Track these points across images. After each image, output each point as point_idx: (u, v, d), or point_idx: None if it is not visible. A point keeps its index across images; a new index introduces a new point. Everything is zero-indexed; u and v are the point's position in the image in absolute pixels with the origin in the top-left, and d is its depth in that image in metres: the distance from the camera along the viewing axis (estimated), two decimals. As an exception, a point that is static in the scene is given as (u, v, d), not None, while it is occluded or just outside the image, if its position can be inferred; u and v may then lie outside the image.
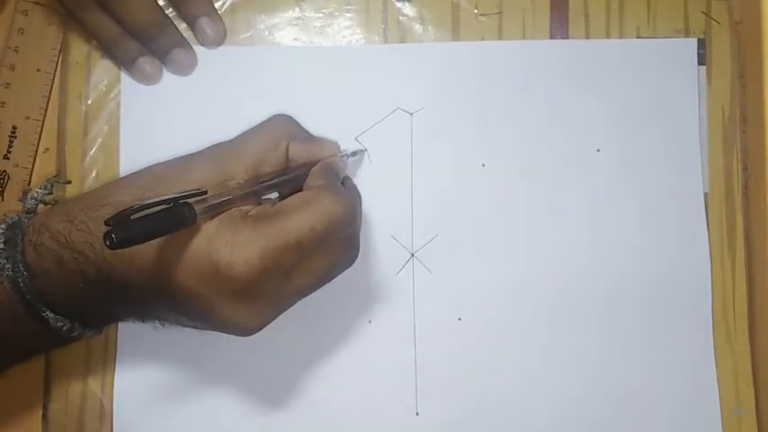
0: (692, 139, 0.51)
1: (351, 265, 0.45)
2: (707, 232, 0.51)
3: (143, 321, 0.45)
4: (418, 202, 0.50)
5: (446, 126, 0.50)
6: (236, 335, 0.42)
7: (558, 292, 0.50)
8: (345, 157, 0.48)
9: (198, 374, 0.49)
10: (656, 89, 0.51)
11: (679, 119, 0.51)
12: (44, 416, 0.49)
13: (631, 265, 0.50)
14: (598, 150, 0.51)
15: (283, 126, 0.45)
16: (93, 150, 0.50)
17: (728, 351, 0.50)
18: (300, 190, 0.43)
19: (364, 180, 0.50)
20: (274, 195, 0.45)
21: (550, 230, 0.50)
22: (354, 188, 0.47)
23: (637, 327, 0.50)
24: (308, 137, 0.46)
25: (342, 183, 0.45)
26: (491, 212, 0.50)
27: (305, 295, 0.43)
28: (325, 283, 0.43)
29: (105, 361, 0.49)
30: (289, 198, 0.42)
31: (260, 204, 0.42)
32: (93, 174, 0.50)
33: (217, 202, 0.39)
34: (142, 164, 0.49)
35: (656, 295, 0.51)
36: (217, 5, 0.51)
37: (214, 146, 0.44)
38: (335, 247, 0.42)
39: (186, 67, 0.50)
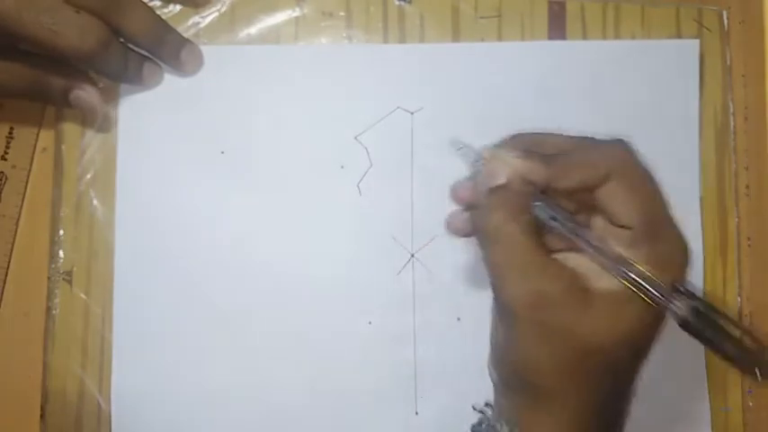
0: (691, 141, 0.52)
1: None
2: (702, 234, 0.52)
3: None
4: (418, 203, 0.50)
5: (446, 125, 0.51)
6: None
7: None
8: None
9: (196, 374, 0.49)
10: (657, 90, 0.52)
11: (679, 120, 0.52)
12: (42, 417, 0.49)
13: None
14: (598, 151, 0.51)
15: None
16: (91, 150, 0.50)
17: (717, 351, 0.51)
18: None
19: (364, 180, 0.50)
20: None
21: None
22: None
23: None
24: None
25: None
26: (491, 212, 0.51)
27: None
28: None
29: (102, 361, 0.49)
30: (621, 213, 0.36)
31: None
32: (91, 173, 0.50)
33: None
34: (140, 164, 0.50)
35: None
36: (216, 5, 0.51)
37: None
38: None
39: (197, 65, 0.50)
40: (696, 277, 0.51)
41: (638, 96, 0.52)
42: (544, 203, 0.37)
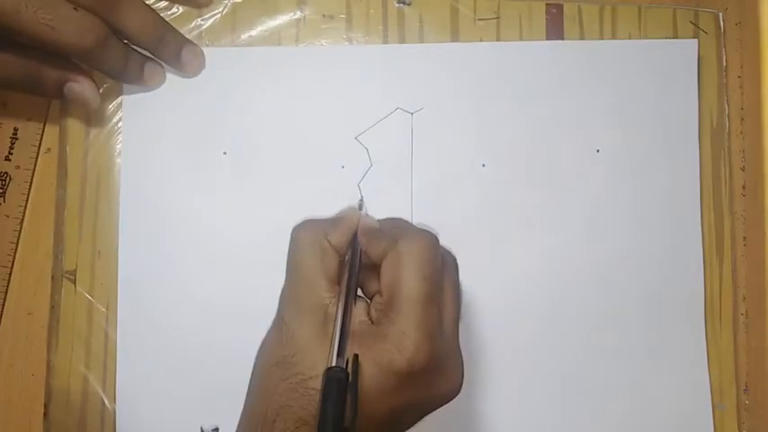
0: (690, 140, 0.52)
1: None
2: (701, 232, 0.52)
3: None
4: (418, 202, 0.51)
5: (446, 126, 0.51)
6: (450, 399, 0.45)
7: (555, 290, 0.51)
8: (365, 212, 0.50)
9: (200, 373, 0.50)
10: (656, 89, 0.52)
11: (678, 119, 0.52)
12: (45, 415, 0.49)
13: (628, 263, 0.51)
14: (598, 151, 0.52)
15: (309, 236, 0.45)
16: (95, 151, 0.51)
17: (714, 349, 0.51)
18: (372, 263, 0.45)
19: (365, 180, 0.51)
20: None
21: (549, 230, 0.51)
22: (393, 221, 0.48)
23: (631, 325, 0.51)
24: (331, 222, 0.46)
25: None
26: (491, 212, 0.51)
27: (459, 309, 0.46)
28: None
29: (106, 360, 0.49)
30: (384, 281, 0.43)
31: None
32: (95, 174, 0.50)
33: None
34: (144, 164, 0.50)
35: (651, 294, 0.51)
36: (218, 8, 0.51)
37: (282, 313, 0.45)
38: (443, 258, 0.45)
39: (198, 66, 0.50)
40: (696, 277, 0.52)
41: (639, 95, 0.52)
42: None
